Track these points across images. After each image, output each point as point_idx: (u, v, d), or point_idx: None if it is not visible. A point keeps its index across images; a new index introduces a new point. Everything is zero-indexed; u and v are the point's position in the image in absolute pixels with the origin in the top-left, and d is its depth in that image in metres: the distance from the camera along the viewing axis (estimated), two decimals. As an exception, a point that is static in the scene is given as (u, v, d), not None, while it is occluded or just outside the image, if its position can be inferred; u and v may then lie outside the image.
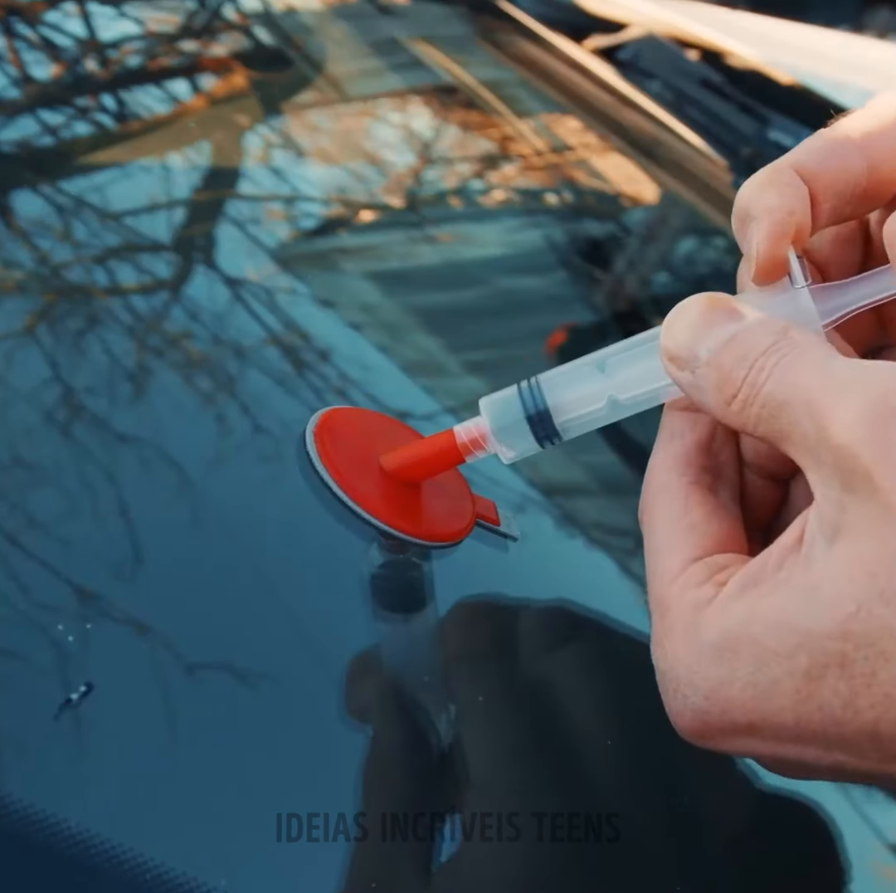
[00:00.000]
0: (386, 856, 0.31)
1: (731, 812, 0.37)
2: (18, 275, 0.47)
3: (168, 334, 0.47)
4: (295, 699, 0.35)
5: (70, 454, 0.40)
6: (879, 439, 0.25)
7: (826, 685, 0.26)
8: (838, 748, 0.26)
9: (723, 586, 0.29)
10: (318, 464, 0.36)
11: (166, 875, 0.29)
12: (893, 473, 0.25)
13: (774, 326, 0.29)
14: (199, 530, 0.39)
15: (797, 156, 0.33)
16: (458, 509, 0.39)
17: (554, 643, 0.39)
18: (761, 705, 0.27)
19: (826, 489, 0.27)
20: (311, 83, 0.76)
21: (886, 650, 0.25)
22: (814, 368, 0.27)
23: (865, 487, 0.25)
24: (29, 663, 0.32)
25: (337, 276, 0.57)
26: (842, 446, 0.26)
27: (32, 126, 0.59)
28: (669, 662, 0.29)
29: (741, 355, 0.29)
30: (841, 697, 0.25)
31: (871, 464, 0.25)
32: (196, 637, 0.35)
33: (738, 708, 0.27)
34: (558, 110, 0.91)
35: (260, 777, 0.32)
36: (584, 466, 0.53)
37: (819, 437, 0.26)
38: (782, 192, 0.31)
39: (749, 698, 0.27)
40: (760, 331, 0.29)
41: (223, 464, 0.42)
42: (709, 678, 0.28)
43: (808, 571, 0.26)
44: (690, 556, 0.30)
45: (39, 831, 0.29)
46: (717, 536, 0.31)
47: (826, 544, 0.26)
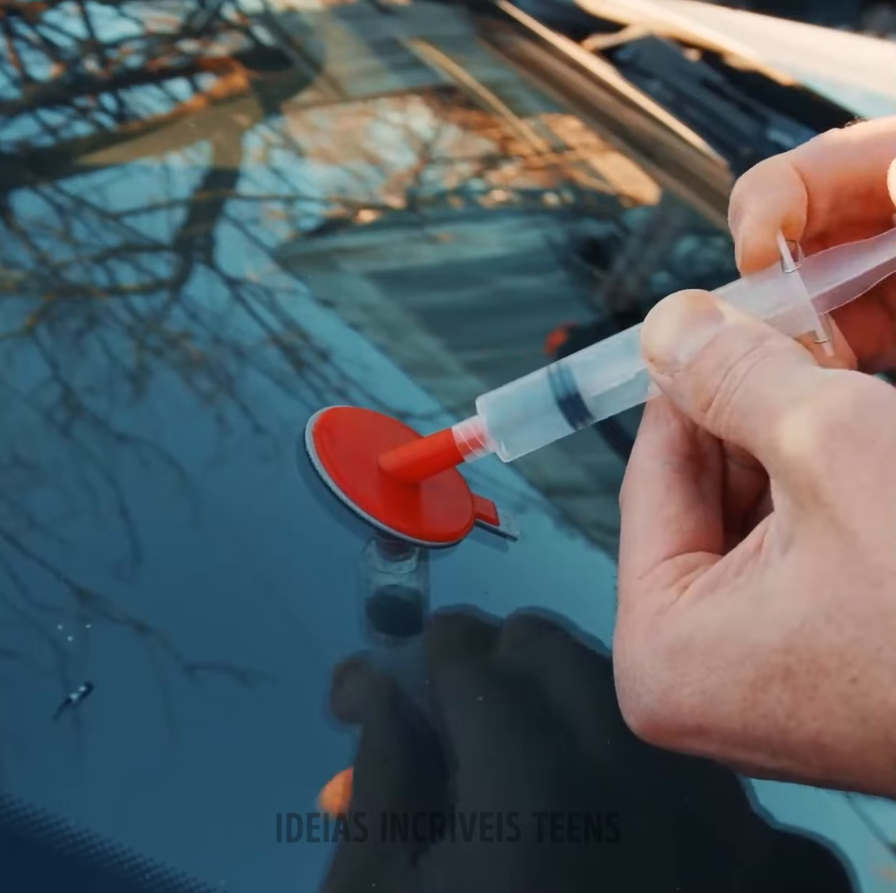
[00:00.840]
0: (386, 856, 0.31)
1: (730, 812, 0.37)
2: (18, 275, 0.47)
3: (168, 334, 0.47)
4: (295, 699, 0.35)
5: (70, 454, 0.40)
6: (828, 455, 0.25)
7: (771, 694, 0.26)
8: (784, 756, 0.27)
9: (685, 589, 0.29)
10: (317, 464, 0.36)
11: (166, 875, 0.29)
12: (839, 489, 0.25)
13: (752, 332, 0.29)
14: (199, 530, 0.39)
15: (794, 153, 0.33)
16: (458, 508, 0.39)
17: (554, 643, 0.39)
18: (710, 710, 0.27)
19: (783, 499, 0.27)
20: (311, 83, 0.76)
21: (827, 665, 0.25)
22: (778, 377, 0.27)
23: (813, 501, 0.25)
24: (29, 663, 0.32)
25: (337, 276, 0.58)
26: (792, 459, 0.26)
27: (32, 126, 0.59)
28: (627, 661, 0.29)
29: (718, 362, 0.29)
30: (785, 707, 0.26)
31: (819, 479, 0.25)
32: (196, 637, 0.35)
33: (687, 712, 0.28)
34: (558, 110, 0.91)
35: (260, 777, 0.32)
36: (584, 466, 0.53)
37: (772, 447, 0.27)
38: (774, 183, 0.32)
39: (698, 703, 0.27)
40: (738, 336, 0.29)
41: (223, 464, 0.42)
42: (661, 682, 0.28)
43: (762, 579, 0.27)
44: (662, 553, 0.31)
45: (39, 831, 0.29)
46: (693, 531, 0.31)
47: (780, 553, 0.27)
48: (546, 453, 0.35)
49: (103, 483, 0.38)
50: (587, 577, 0.47)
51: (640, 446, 0.33)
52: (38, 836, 0.29)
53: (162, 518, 0.39)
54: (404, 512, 0.37)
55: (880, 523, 0.24)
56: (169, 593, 0.36)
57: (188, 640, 0.35)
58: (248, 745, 0.33)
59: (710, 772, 0.38)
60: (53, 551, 0.36)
